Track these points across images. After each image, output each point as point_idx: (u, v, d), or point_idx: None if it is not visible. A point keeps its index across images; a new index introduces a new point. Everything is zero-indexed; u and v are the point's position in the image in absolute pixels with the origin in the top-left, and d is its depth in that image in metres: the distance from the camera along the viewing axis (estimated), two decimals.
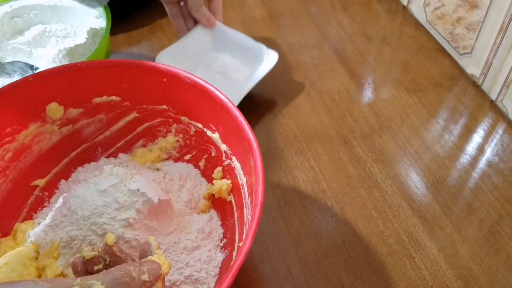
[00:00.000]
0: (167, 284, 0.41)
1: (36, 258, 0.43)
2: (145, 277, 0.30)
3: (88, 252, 0.34)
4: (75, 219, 0.42)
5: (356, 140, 0.57)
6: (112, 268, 0.30)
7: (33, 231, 0.45)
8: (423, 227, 0.48)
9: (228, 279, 0.32)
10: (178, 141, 0.52)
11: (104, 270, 0.30)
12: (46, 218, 0.46)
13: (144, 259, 0.33)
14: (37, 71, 0.58)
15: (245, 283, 0.45)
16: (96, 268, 0.34)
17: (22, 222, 0.47)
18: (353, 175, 0.53)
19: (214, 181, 0.48)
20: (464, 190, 0.52)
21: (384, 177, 0.53)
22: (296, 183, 0.53)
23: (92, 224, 0.41)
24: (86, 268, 0.34)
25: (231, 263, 0.37)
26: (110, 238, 0.35)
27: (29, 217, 0.48)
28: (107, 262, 0.35)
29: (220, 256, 0.44)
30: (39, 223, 0.46)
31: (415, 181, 0.53)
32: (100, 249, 0.35)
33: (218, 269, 0.43)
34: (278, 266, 0.46)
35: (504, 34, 0.56)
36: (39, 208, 0.49)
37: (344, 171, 0.54)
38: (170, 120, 0.52)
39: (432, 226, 0.49)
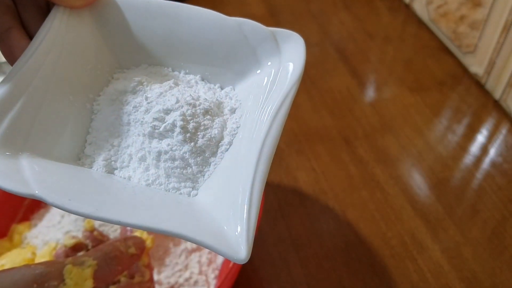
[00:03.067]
0: (166, 286, 0.41)
1: (33, 260, 0.43)
2: (132, 250, 0.31)
3: (69, 240, 0.35)
4: (72, 220, 0.42)
5: (358, 140, 0.56)
6: (101, 245, 0.31)
7: (30, 233, 0.45)
8: (426, 228, 0.48)
9: (228, 281, 0.32)
10: None
11: (93, 248, 0.31)
12: (43, 219, 0.46)
13: (127, 236, 0.34)
14: None
15: (245, 286, 0.44)
16: (79, 254, 0.35)
17: (18, 223, 0.47)
18: (354, 175, 0.53)
19: None
20: (467, 191, 0.51)
21: (387, 177, 0.52)
22: (296, 183, 0.52)
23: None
24: (69, 257, 0.35)
25: (230, 266, 0.36)
26: (89, 224, 0.36)
27: (25, 218, 0.48)
28: (89, 248, 0.36)
29: (220, 259, 0.44)
30: (36, 225, 0.46)
31: (418, 182, 0.52)
32: (80, 236, 0.36)
33: (217, 272, 0.43)
34: (278, 268, 0.45)
35: (508, 33, 0.56)
36: (36, 209, 0.48)
37: (345, 171, 0.53)
38: None
39: (435, 228, 0.48)
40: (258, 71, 0.29)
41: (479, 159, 0.54)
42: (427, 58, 0.66)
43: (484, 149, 0.55)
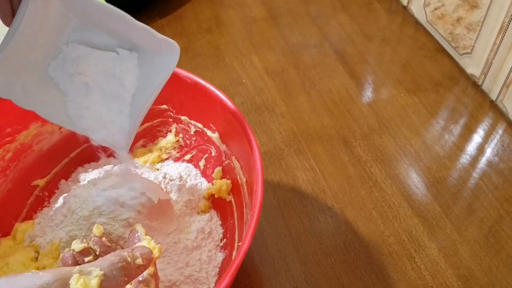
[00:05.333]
0: (167, 284, 0.41)
1: (36, 258, 0.43)
2: (139, 261, 0.31)
3: (78, 245, 0.35)
4: (75, 219, 0.43)
5: (356, 140, 0.57)
6: (108, 255, 0.31)
7: (33, 231, 0.45)
8: (423, 227, 0.48)
9: (228, 278, 0.32)
10: (178, 141, 0.52)
11: (100, 257, 0.31)
12: (46, 218, 0.46)
13: (135, 245, 0.34)
14: None
15: (245, 283, 0.45)
16: (86, 259, 0.35)
17: (22, 222, 0.47)
18: (353, 175, 0.53)
19: (214, 181, 0.48)
20: (464, 190, 0.52)
21: (384, 177, 0.53)
22: (296, 183, 0.53)
23: (92, 224, 0.41)
24: (76, 261, 0.35)
25: (231, 263, 0.37)
26: (99, 229, 0.36)
27: (29, 217, 0.48)
28: (97, 253, 0.35)
29: (220, 256, 0.44)
30: (39, 223, 0.46)
31: (415, 181, 0.53)
32: (89, 241, 0.36)
33: (218, 269, 0.43)
34: (278, 266, 0.46)
35: (504, 34, 0.56)
36: (39, 208, 0.49)
37: (344, 171, 0.54)
38: (170, 120, 0.52)
39: (432, 226, 0.48)
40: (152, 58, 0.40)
41: (475, 158, 0.55)
42: (424, 59, 0.67)
43: (481, 149, 0.56)
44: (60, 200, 0.46)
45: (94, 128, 0.41)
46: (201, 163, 0.51)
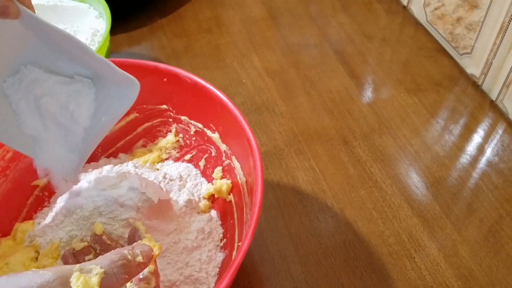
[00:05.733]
0: (167, 284, 0.41)
1: (36, 258, 0.43)
2: (139, 258, 0.31)
3: (78, 243, 0.35)
4: (75, 219, 0.42)
5: (356, 140, 0.57)
6: (108, 253, 0.31)
7: (33, 231, 0.45)
8: (423, 227, 0.48)
9: (228, 278, 0.32)
10: (178, 141, 0.52)
11: (101, 255, 0.31)
12: (46, 218, 0.46)
13: (135, 243, 0.34)
14: None
15: (245, 283, 0.45)
16: (87, 258, 0.35)
17: (22, 222, 0.47)
18: (353, 175, 0.53)
19: (214, 181, 0.48)
20: (464, 190, 0.52)
21: (384, 177, 0.53)
22: (296, 183, 0.53)
23: (92, 224, 0.41)
24: (77, 259, 0.35)
25: (231, 263, 0.37)
26: (99, 228, 0.36)
27: (29, 217, 0.48)
28: (97, 251, 0.35)
29: (220, 256, 0.44)
30: (39, 223, 0.46)
31: (415, 181, 0.53)
32: (89, 240, 0.36)
33: (218, 269, 0.43)
34: (278, 266, 0.46)
35: (504, 34, 0.57)
36: (39, 208, 0.49)
37: (344, 171, 0.54)
38: (170, 120, 0.52)
39: (432, 226, 0.49)
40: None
41: (475, 158, 0.55)
42: (424, 59, 0.67)
43: (481, 149, 0.56)
44: (60, 200, 0.46)
45: (41, 153, 0.40)
46: (201, 163, 0.51)
